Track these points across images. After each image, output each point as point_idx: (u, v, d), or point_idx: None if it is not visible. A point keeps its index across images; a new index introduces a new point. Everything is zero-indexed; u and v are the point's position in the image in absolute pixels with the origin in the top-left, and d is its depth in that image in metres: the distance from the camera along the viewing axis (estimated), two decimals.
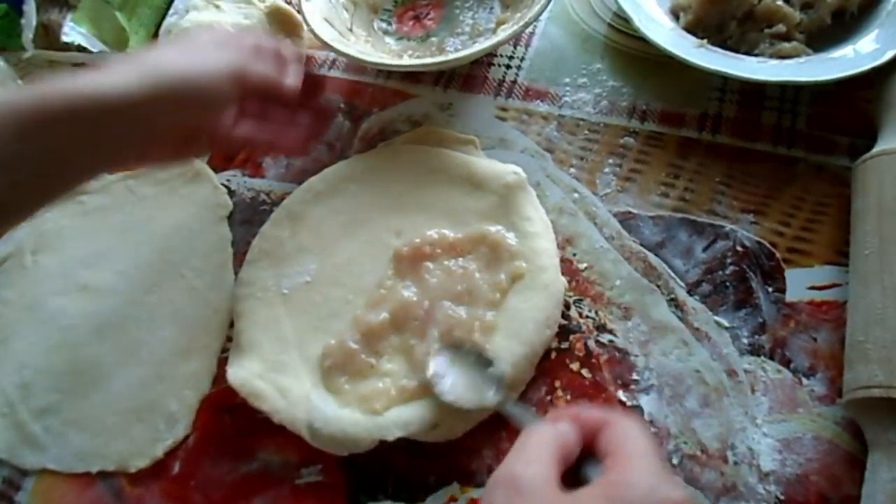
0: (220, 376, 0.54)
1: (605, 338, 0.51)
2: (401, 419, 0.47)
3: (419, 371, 0.49)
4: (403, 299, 0.52)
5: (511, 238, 0.53)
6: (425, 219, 0.56)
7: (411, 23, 0.71)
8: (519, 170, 0.56)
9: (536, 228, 0.53)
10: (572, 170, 0.59)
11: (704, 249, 0.53)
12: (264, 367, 0.51)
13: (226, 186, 0.64)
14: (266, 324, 0.54)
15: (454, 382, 0.47)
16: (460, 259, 0.53)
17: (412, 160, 0.59)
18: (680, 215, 0.55)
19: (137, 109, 0.46)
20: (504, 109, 0.63)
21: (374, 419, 0.48)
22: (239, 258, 0.59)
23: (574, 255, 0.55)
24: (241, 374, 0.51)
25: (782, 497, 0.44)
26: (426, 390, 0.48)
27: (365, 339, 0.51)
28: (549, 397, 0.49)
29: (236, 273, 0.58)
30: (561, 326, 0.51)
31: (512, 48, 0.67)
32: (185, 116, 0.49)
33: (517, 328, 0.49)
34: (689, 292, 0.52)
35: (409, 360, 0.50)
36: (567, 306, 0.52)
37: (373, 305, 0.53)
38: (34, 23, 0.73)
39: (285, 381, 0.51)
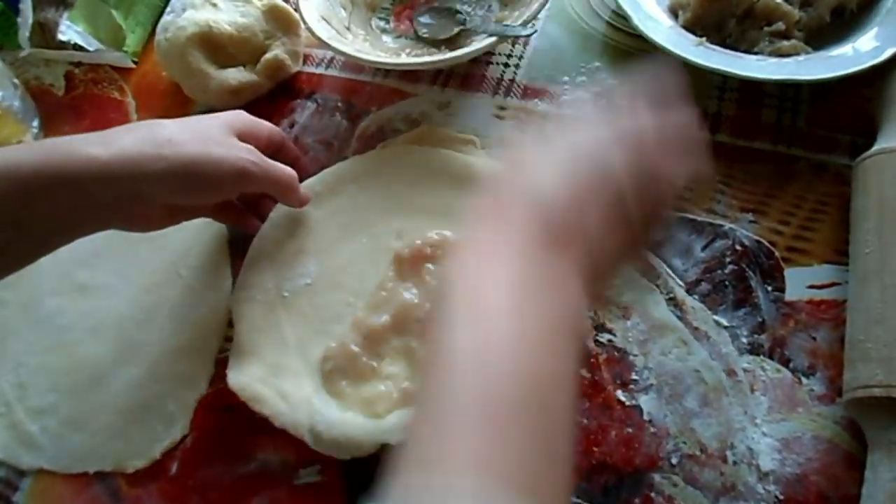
0: (217, 376, 0.54)
1: (603, 337, 0.51)
2: (404, 422, 0.46)
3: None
4: (405, 301, 0.51)
5: None
6: (426, 220, 0.55)
7: (409, 21, 0.70)
8: None
9: None
10: None
11: (703, 248, 0.53)
12: (265, 371, 0.51)
13: None
14: (266, 327, 0.53)
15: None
16: None
17: (412, 161, 0.58)
18: (679, 214, 0.55)
19: (137, 182, 0.46)
20: (503, 108, 0.63)
21: (376, 423, 0.47)
22: (236, 258, 0.58)
23: None
24: (242, 378, 0.50)
25: (782, 497, 0.43)
26: None
27: (366, 341, 0.51)
28: None
29: (233, 273, 0.58)
30: None
31: (510, 46, 0.67)
32: (179, 197, 0.50)
33: None
34: (689, 291, 0.51)
35: (410, 362, 0.50)
36: None
37: (374, 308, 0.52)
38: (30, 21, 0.73)
39: (286, 384, 0.50)
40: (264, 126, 0.56)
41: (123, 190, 0.47)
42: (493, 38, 0.60)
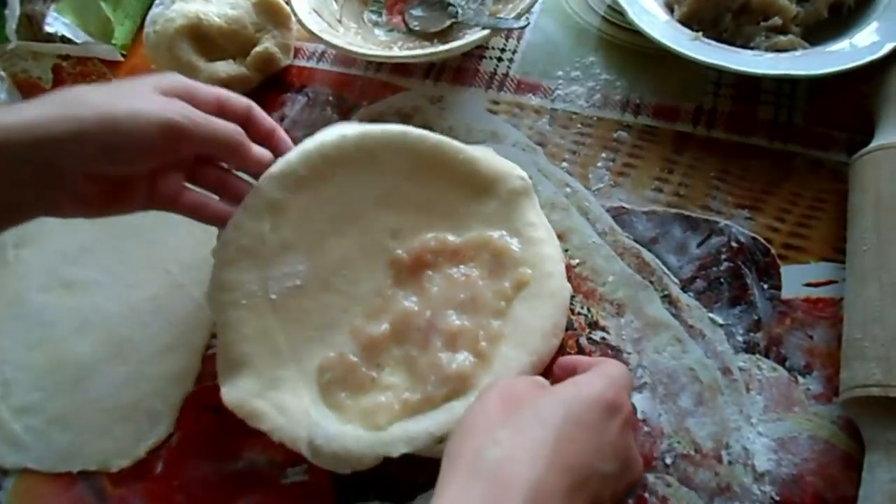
0: (204, 374, 0.53)
1: (597, 335, 0.50)
2: (405, 434, 0.44)
3: (422, 383, 0.47)
4: (404, 309, 0.49)
5: (514, 244, 0.51)
6: (423, 220, 0.53)
7: (401, 14, 0.70)
8: (524, 175, 0.53)
9: (540, 234, 0.51)
10: (565, 164, 0.58)
11: (699, 245, 0.52)
12: (261, 385, 0.48)
13: None
14: (256, 335, 0.49)
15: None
16: (462, 266, 0.51)
17: (408, 148, 0.53)
18: (674, 210, 0.54)
19: (45, 149, 0.41)
20: (496, 102, 0.62)
21: (377, 435, 0.45)
22: None
23: (566, 250, 0.54)
24: (238, 394, 0.47)
25: (777, 498, 0.43)
26: (430, 403, 0.46)
27: (365, 351, 0.49)
28: None
29: None
30: None
31: (504, 40, 0.66)
32: (99, 164, 0.44)
33: (524, 338, 0.47)
34: (683, 289, 0.51)
35: (411, 372, 0.48)
36: None
37: (372, 315, 0.50)
38: (18, 13, 0.72)
39: (284, 397, 0.47)
40: (210, 91, 0.48)
41: (28, 161, 0.41)
42: (486, 32, 0.59)
